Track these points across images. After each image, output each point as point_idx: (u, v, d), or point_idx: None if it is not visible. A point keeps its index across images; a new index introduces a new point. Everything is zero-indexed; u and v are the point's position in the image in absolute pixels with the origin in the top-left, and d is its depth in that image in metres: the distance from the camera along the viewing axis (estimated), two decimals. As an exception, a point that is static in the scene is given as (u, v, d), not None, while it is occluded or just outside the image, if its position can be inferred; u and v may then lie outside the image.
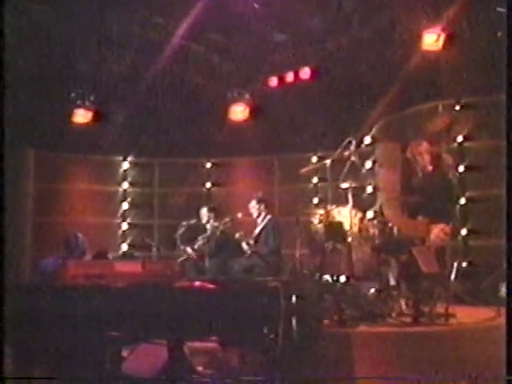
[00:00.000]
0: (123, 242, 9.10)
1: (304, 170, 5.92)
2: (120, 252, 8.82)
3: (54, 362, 3.45)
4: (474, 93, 7.17)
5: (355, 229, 4.91)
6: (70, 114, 8.39)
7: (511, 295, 3.23)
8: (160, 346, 3.65)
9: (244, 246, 6.66)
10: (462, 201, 6.87)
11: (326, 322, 4.19)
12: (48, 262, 5.24)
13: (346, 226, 4.94)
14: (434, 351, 3.83)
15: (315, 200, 9.05)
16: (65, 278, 3.61)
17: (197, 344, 3.72)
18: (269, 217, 6.94)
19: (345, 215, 5.05)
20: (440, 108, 7.01)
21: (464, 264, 6.71)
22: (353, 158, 5.12)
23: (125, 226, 9.24)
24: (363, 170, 7.61)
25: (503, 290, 5.12)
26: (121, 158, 9.43)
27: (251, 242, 6.67)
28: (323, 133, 8.96)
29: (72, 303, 3.38)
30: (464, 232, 6.99)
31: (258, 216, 6.95)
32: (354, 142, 5.21)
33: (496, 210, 5.51)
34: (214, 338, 3.49)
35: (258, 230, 6.84)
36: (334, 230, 5.00)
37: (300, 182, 9.28)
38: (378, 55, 8.08)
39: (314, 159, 9.31)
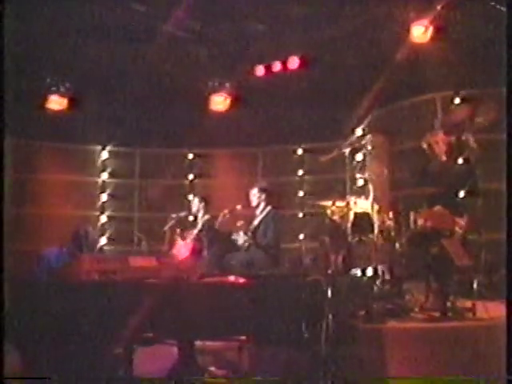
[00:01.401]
0: (102, 235, 8.76)
1: (324, 158, 5.64)
2: (98, 246, 8.47)
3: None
4: (466, 86, 7.07)
5: (382, 220, 4.68)
6: (45, 101, 7.99)
7: (511, 295, 3.19)
8: (171, 346, 3.39)
9: (241, 237, 6.31)
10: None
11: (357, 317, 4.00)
12: (51, 255, 4.82)
13: (373, 218, 4.71)
14: (469, 347, 3.68)
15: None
16: (78, 274, 3.33)
17: (214, 344, 3.46)
18: (269, 208, 6.56)
19: (361, 206, 4.84)
20: (438, 101, 6.83)
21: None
22: (369, 148, 4.89)
23: (104, 218, 8.90)
24: (353, 163, 7.59)
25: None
26: (100, 148, 9.07)
27: (249, 233, 6.30)
28: (310, 125, 8.80)
29: (87, 301, 3.08)
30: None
31: (257, 206, 6.58)
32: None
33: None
34: (244, 336, 3.21)
35: (256, 222, 6.47)
36: (361, 222, 4.77)
37: (284, 174, 9.13)
38: (368, 46, 7.91)
39: (300, 151, 9.14)
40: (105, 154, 9.07)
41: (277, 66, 8.45)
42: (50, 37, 7.39)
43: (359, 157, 8.09)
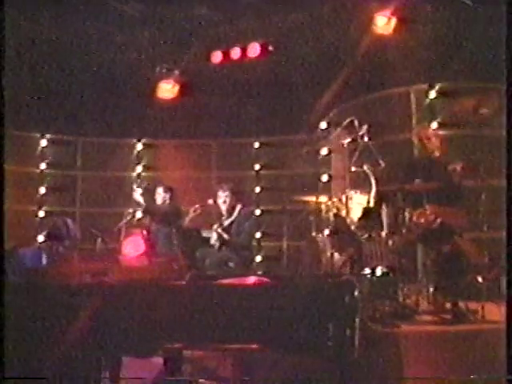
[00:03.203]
0: (40, 232, 7.91)
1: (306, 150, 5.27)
2: (36, 244, 7.66)
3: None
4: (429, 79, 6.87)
5: (391, 216, 4.31)
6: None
7: (511, 295, 3.13)
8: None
9: (214, 237, 5.95)
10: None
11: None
12: (25, 255, 4.05)
13: (383, 213, 4.33)
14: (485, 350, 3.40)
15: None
16: (65, 275, 2.82)
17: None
18: (239, 206, 6.26)
19: (359, 201, 4.47)
20: (412, 93, 6.54)
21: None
22: (366, 139, 4.55)
23: (42, 213, 8.06)
24: (319, 157, 7.22)
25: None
26: (38, 135, 8.23)
27: (221, 231, 5.97)
28: (269, 117, 8.35)
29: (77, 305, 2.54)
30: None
31: (227, 204, 6.26)
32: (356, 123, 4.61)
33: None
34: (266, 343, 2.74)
35: (229, 221, 6.15)
36: (370, 217, 4.39)
37: (240, 168, 8.63)
38: (334, 34, 7.56)
39: (257, 145, 8.67)
40: (43, 142, 8.25)
41: (236, 53, 7.99)
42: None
43: (324, 151, 7.92)
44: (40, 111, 7.86)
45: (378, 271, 4.12)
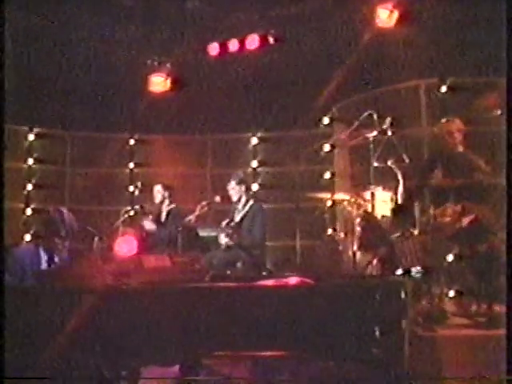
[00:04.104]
0: (27, 230, 7.53)
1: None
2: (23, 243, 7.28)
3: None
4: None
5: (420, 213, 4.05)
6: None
7: (511, 295, 3.04)
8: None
9: (222, 236, 5.63)
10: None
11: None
12: (24, 255, 3.67)
13: (416, 211, 4.06)
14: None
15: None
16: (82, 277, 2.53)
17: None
18: (251, 202, 5.93)
19: (382, 198, 4.23)
20: (422, 88, 6.30)
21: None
22: (389, 133, 4.29)
23: (29, 211, 7.69)
24: (321, 153, 6.95)
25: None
26: (26, 129, 7.83)
27: (230, 231, 5.62)
28: (268, 112, 8.04)
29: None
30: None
31: (238, 200, 5.91)
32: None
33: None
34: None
35: (238, 218, 5.80)
36: (402, 215, 4.13)
37: (236, 165, 8.30)
38: (336, 27, 7.30)
39: (254, 141, 8.36)
40: (31, 136, 7.86)
41: (234, 45, 7.68)
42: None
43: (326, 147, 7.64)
44: (28, 104, 7.49)
45: (413, 272, 3.84)
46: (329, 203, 6.29)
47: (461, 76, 6.26)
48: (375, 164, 4.27)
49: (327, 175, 7.24)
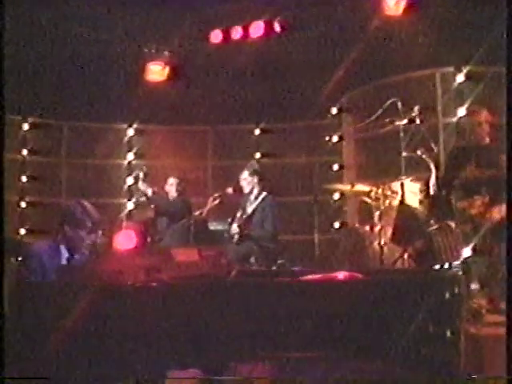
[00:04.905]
0: (22, 225, 7.21)
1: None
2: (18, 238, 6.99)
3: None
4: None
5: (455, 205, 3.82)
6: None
7: (511, 294, 2.92)
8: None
9: (234, 229, 5.40)
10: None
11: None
12: (43, 251, 3.37)
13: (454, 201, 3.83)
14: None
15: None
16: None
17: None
18: (264, 193, 5.69)
19: (411, 189, 3.97)
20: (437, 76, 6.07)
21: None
22: (417, 121, 4.06)
23: (23, 204, 7.38)
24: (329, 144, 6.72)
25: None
26: (20, 118, 7.50)
27: (241, 224, 5.41)
28: (271, 102, 7.77)
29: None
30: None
31: (251, 192, 5.70)
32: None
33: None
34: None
35: (250, 210, 5.58)
36: (440, 206, 3.89)
37: (238, 157, 8.02)
38: (343, 15, 7.06)
39: (257, 132, 8.09)
40: (25, 126, 7.54)
41: (237, 33, 7.40)
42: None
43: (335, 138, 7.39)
44: (22, 92, 7.15)
45: (454, 266, 3.62)
46: (345, 195, 6.08)
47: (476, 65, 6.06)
48: (404, 154, 4.03)
49: (336, 167, 6.98)
